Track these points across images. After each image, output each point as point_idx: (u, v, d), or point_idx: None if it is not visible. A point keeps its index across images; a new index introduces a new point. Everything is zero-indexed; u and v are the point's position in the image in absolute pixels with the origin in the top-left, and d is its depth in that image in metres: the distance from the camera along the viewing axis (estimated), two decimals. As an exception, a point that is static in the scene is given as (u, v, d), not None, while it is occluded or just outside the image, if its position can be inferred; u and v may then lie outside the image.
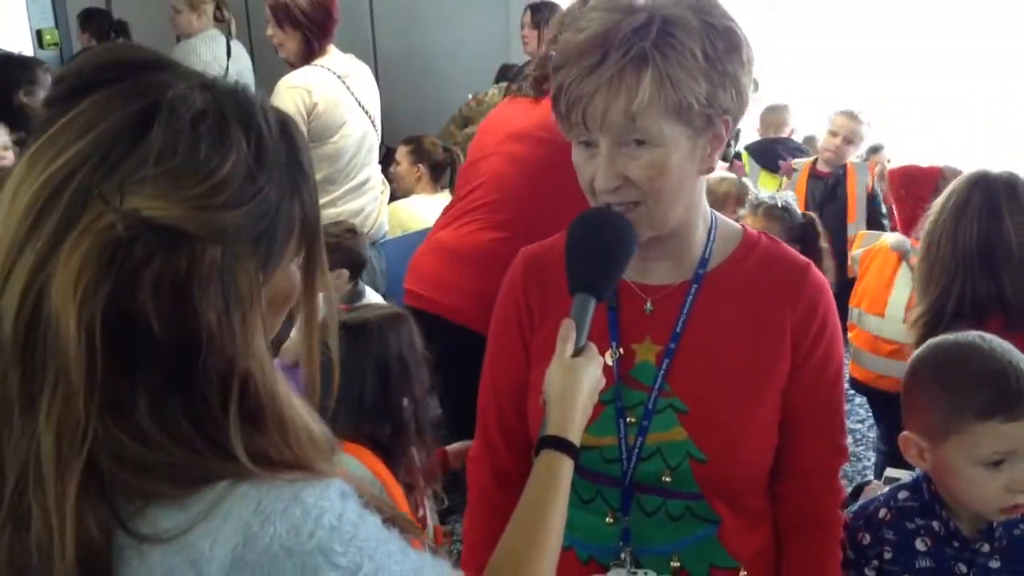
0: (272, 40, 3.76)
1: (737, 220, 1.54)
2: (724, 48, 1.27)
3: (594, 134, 1.29)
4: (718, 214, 1.47)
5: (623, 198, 1.31)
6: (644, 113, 1.24)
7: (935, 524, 1.57)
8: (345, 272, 3.56)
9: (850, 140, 4.63)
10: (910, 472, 2.42)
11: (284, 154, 0.89)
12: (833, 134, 4.63)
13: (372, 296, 3.65)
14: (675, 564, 1.41)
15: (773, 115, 5.41)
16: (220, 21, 5.30)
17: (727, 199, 3.50)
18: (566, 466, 1.18)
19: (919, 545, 1.58)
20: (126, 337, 0.81)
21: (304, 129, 3.59)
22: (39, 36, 7.49)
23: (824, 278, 1.45)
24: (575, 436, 1.20)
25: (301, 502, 0.84)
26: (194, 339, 0.83)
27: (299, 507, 0.84)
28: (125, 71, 0.87)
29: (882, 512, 1.61)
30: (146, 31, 6.46)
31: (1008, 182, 2.34)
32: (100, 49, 0.91)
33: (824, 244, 3.12)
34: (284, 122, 0.91)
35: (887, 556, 1.59)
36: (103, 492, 0.83)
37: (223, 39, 5.32)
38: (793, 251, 1.49)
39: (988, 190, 2.32)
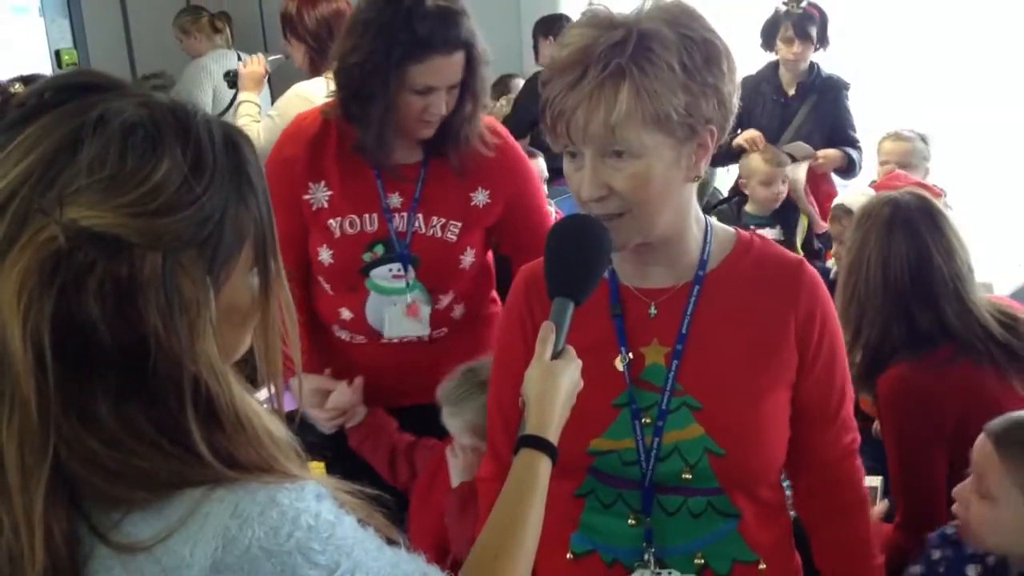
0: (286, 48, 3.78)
1: None
2: (703, 59, 1.31)
3: (578, 146, 1.33)
4: (711, 218, 1.50)
5: (609, 208, 1.34)
6: (623, 124, 1.28)
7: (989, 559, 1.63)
8: None
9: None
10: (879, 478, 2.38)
11: (228, 164, 0.91)
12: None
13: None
14: (699, 561, 1.44)
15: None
16: (218, 31, 5.35)
17: None
18: (544, 465, 1.20)
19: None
20: (77, 344, 0.84)
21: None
22: (58, 56, 7.57)
23: (815, 271, 1.49)
24: (553, 436, 1.22)
25: (277, 504, 0.86)
26: (142, 343, 0.85)
27: (276, 509, 0.86)
28: (75, 93, 0.90)
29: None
30: (164, 50, 6.51)
31: (924, 208, 2.20)
32: (56, 75, 0.95)
33: None
34: (229, 135, 0.94)
35: None
36: (73, 501, 0.85)
37: (233, 54, 5.37)
38: (784, 249, 1.53)
39: (906, 221, 2.17)
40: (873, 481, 2.46)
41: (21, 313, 0.81)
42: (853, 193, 3.01)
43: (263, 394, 1.10)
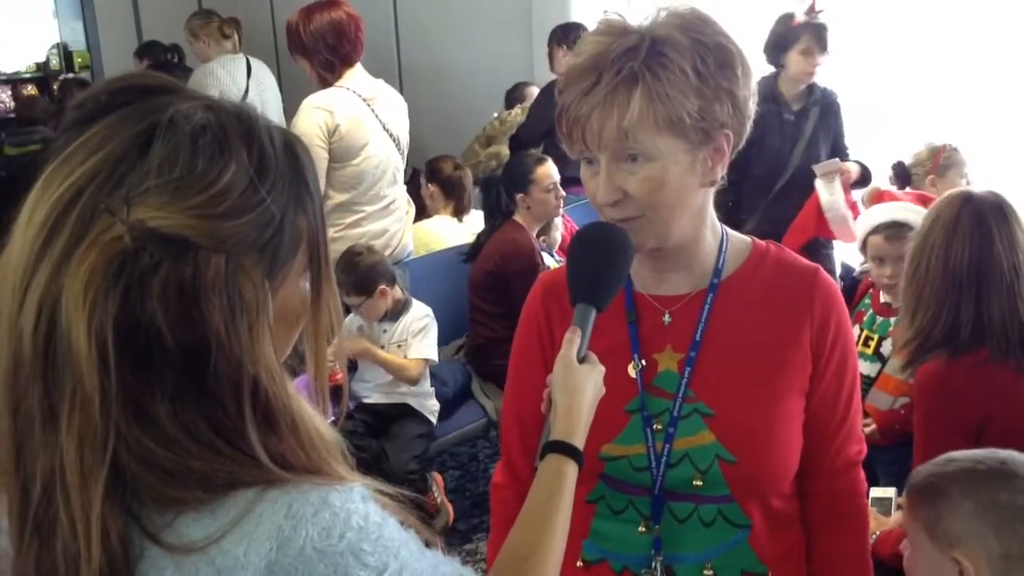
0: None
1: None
2: (716, 64, 1.32)
3: (593, 151, 1.35)
4: (727, 227, 1.51)
5: (625, 213, 1.35)
6: (636, 128, 1.29)
7: None
8: (392, 288, 3.65)
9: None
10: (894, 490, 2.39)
11: (288, 169, 0.92)
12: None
13: (418, 306, 3.80)
14: (708, 572, 1.44)
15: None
16: (226, 37, 5.38)
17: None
18: (571, 470, 1.20)
19: None
20: (139, 343, 0.84)
21: (325, 149, 3.60)
22: (71, 57, 7.60)
23: (831, 279, 1.50)
24: (580, 441, 1.23)
25: (329, 505, 0.87)
26: (203, 345, 0.85)
27: (328, 510, 0.87)
28: (136, 95, 0.90)
29: None
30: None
31: (995, 202, 2.27)
32: (114, 77, 0.94)
33: None
34: (289, 140, 0.94)
35: None
36: (130, 502, 0.85)
37: (243, 60, 5.40)
38: (801, 258, 1.53)
39: (977, 210, 2.24)
40: (887, 492, 2.48)
41: (87, 312, 0.82)
42: (882, 211, 2.96)
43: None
